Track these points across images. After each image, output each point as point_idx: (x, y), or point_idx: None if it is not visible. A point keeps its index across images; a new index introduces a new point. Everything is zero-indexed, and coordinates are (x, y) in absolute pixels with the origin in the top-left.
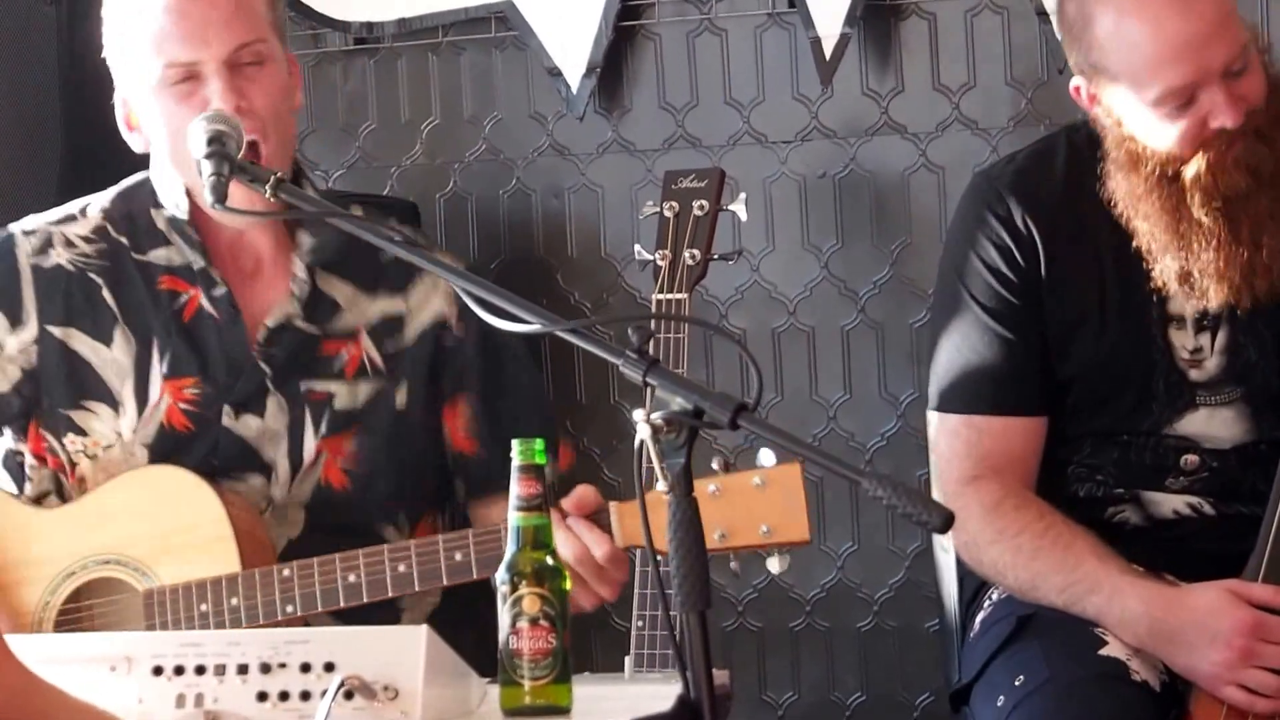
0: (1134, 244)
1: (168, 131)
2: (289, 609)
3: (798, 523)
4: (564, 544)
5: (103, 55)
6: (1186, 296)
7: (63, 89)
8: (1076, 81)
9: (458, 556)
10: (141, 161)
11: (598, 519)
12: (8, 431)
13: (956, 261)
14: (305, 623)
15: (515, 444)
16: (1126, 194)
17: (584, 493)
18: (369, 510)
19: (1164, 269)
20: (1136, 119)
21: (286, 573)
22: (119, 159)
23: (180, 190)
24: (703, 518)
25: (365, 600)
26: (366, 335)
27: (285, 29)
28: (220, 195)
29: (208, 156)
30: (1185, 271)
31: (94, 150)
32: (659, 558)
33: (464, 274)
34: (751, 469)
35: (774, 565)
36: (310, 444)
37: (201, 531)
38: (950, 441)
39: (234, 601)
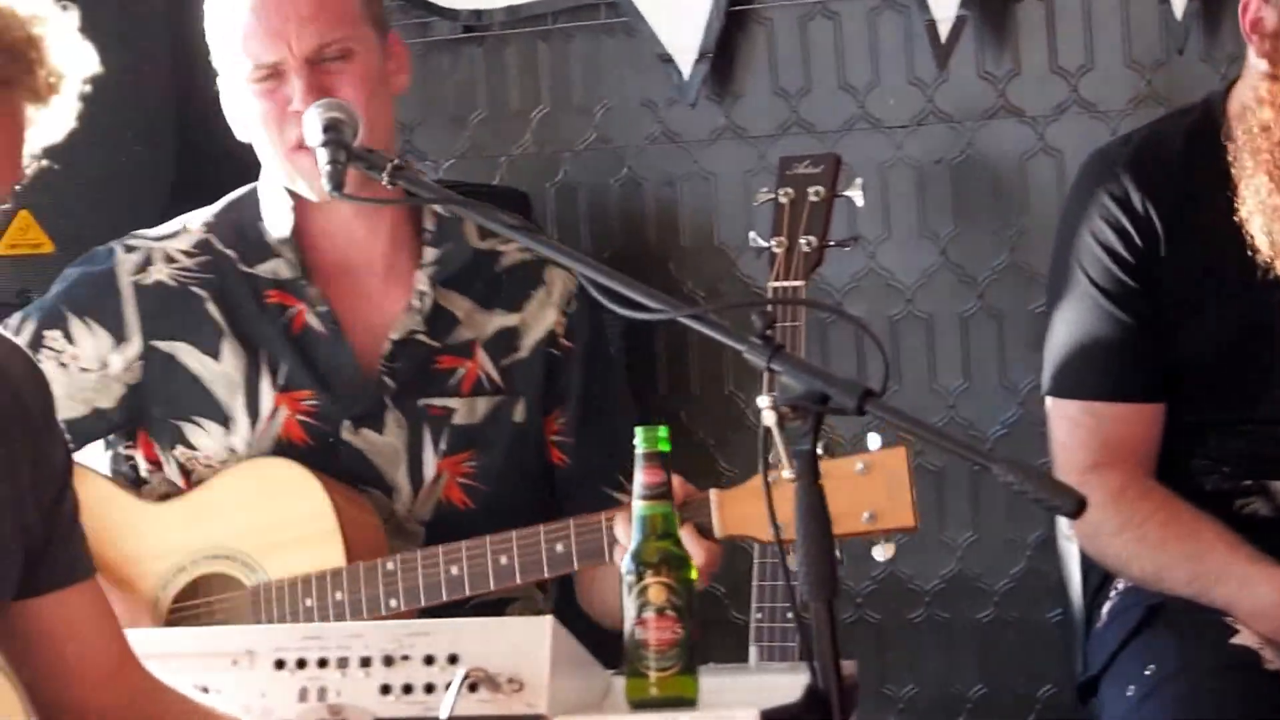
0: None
1: (255, 127)
2: (392, 603)
3: (903, 508)
4: (623, 535)
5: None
6: None
7: (175, 82)
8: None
9: (559, 548)
10: (251, 160)
11: (694, 510)
12: (116, 440)
13: (1072, 243)
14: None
15: (639, 431)
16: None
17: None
18: (491, 526)
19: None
20: None
21: (390, 566)
22: (234, 160)
23: (283, 205)
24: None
25: (468, 592)
26: (482, 350)
27: (383, 12)
28: (337, 183)
29: (324, 144)
30: None
31: (209, 150)
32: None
33: (585, 260)
34: (853, 454)
35: (879, 553)
36: (430, 463)
37: (308, 526)
38: (1069, 428)
39: (338, 596)
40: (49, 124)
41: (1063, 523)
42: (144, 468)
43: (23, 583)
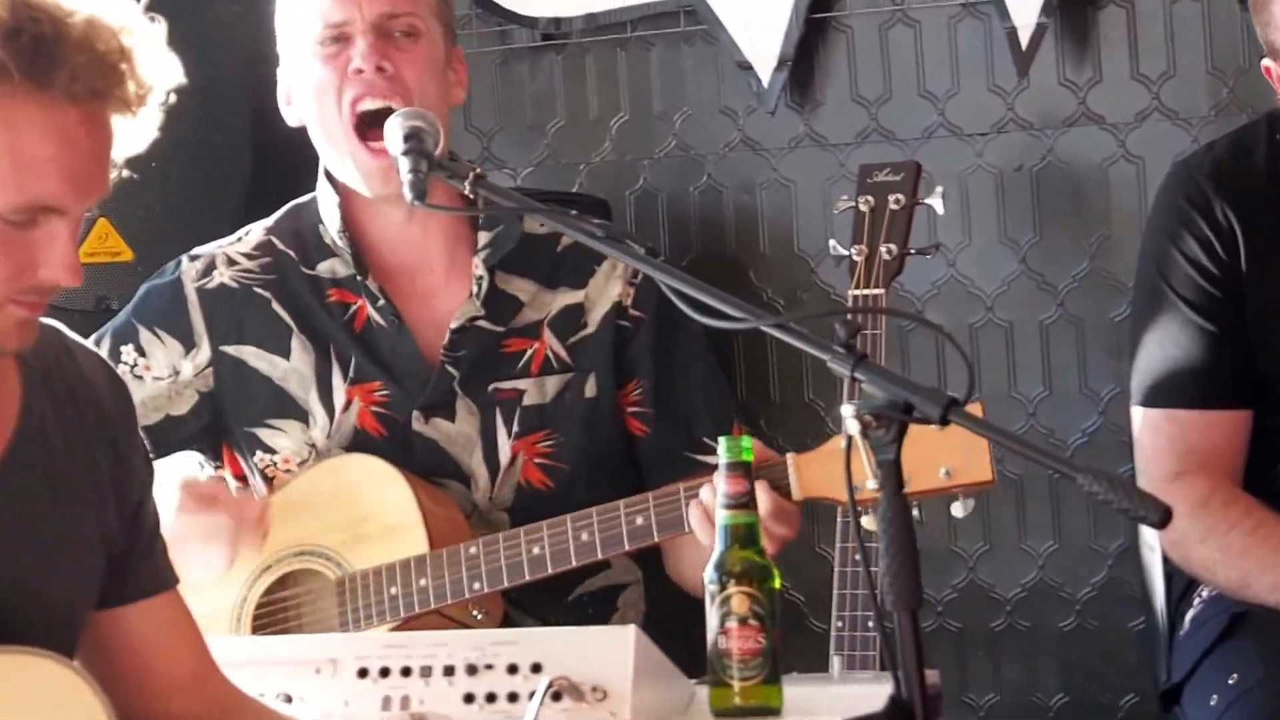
0: None
1: (313, 97)
2: (475, 586)
3: (980, 464)
4: (708, 493)
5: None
6: None
7: (250, 90)
8: (1266, 62)
9: (639, 520)
10: None
11: (771, 473)
12: (204, 460)
13: (1156, 254)
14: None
15: (721, 441)
16: None
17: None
18: (573, 504)
19: None
20: None
21: (473, 550)
22: (308, 170)
23: (332, 206)
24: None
25: (550, 570)
26: (549, 329)
27: (453, 23)
28: (419, 192)
29: (405, 153)
30: None
31: (284, 158)
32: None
33: (666, 268)
34: None
35: (958, 510)
36: (505, 446)
37: (390, 516)
38: (1154, 437)
39: (422, 582)
40: (133, 134)
41: (1145, 531)
42: (233, 485)
43: (105, 593)
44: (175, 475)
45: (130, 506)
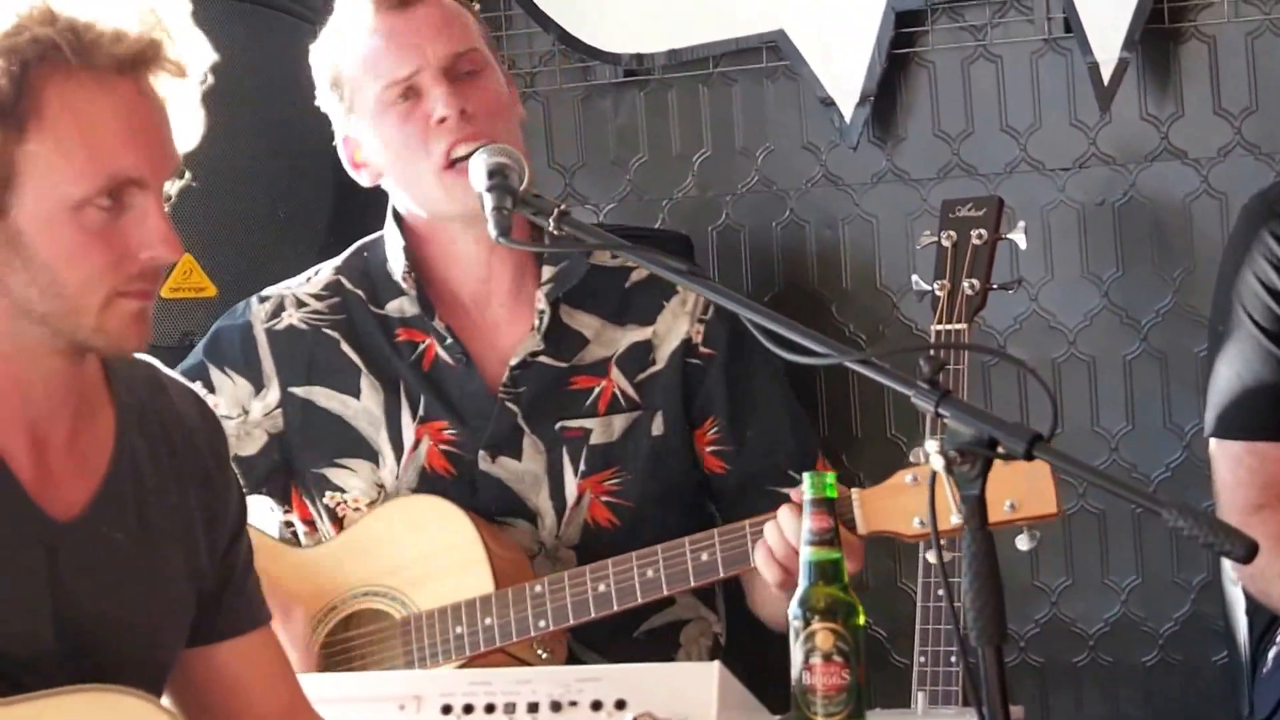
0: None
1: (395, 153)
2: (541, 624)
3: (1045, 496)
4: (772, 536)
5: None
6: None
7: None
8: None
9: (704, 556)
10: None
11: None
12: (274, 505)
13: (1233, 284)
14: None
15: (806, 477)
16: None
17: None
18: (639, 542)
19: None
20: None
21: (538, 589)
22: (386, 197)
23: (398, 248)
24: (939, 495)
25: (615, 608)
26: (616, 367)
27: (496, 50)
28: (504, 229)
29: (490, 189)
30: None
31: (365, 196)
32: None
33: (749, 303)
34: None
35: (1023, 543)
36: (571, 485)
37: (455, 555)
38: (1232, 469)
39: (488, 621)
40: (186, 116)
41: (1227, 565)
42: (302, 530)
43: (197, 630)
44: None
45: (222, 544)
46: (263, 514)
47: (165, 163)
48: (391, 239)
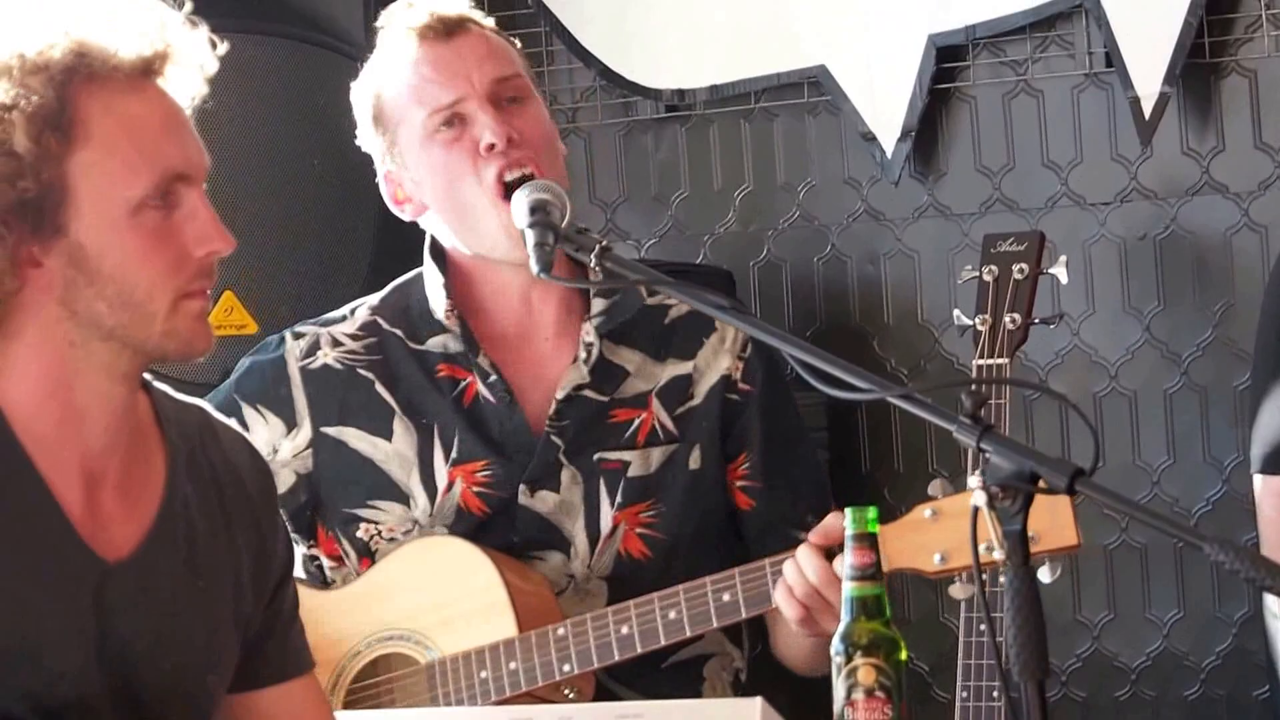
0: None
1: (442, 183)
2: (566, 668)
3: (1065, 528)
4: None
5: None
6: None
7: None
8: None
9: (725, 597)
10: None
11: None
12: (297, 539)
13: (1275, 319)
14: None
15: (848, 512)
16: None
17: (832, 523)
18: (671, 576)
19: None
20: None
21: (561, 631)
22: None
23: (437, 282)
24: (965, 529)
25: (639, 650)
26: (657, 400)
27: (538, 84)
28: (546, 264)
29: (531, 225)
30: None
31: (407, 233)
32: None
33: (791, 339)
34: None
35: (1044, 575)
36: (607, 516)
37: (478, 598)
38: (1276, 504)
39: (513, 665)
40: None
41: (1270, 600)
42: (327, 565)
43: (241, 675)
44: None
45: (269, 590)
46: None
47: (202, 157)
48: (431, 277)
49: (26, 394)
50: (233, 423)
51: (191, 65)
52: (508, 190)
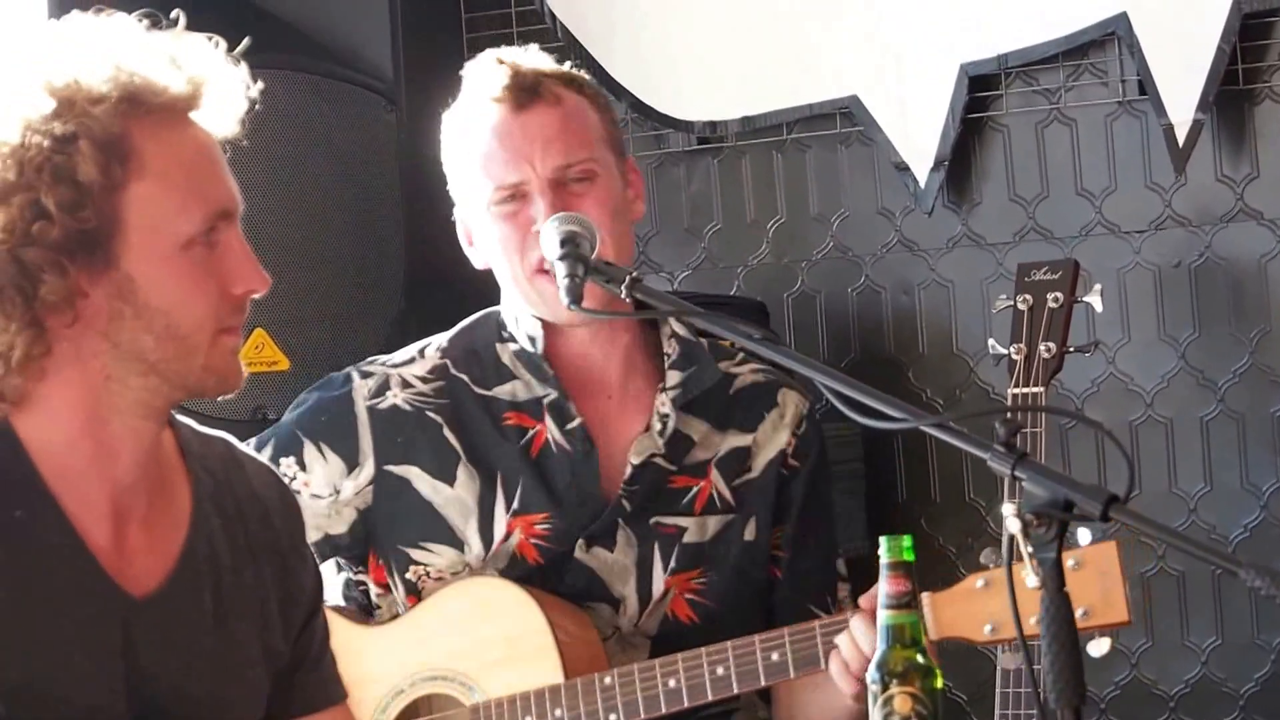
0: None
1: (497, 251)
2: (611, 717)
3: (1117, 604)
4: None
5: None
6: None
7: (405, 199)
8: None
9: (774, 656)
10: (480, 277)
11: None
12: (344, 563)
13: None
14: None
15: (883, 540)
16: None
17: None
18: (713, 642)
19: None
20: None
21: (608, 680)
22: (459, 270)
23: (533, 322)
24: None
25: (686, 704)
26: (716, 470)
27: (621, 138)
28: (575, 296)
29: (561, 258)
30: None
31: (436, 270)
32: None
33: (825, 370)
34: (1066, 550)
35: (1094, 649)
36: (659, 579)
37: (525, 643)
38: None
39: (558, 713)
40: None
41: None
42: (374, 592)
43: (271, 708)
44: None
45: (298, 623)
46: (327, 572)
47: (238, 195)
48: (525, 319)
49: (59, 430)
50: (289, 461)
51: (233, 102)
52: (547, 272)
